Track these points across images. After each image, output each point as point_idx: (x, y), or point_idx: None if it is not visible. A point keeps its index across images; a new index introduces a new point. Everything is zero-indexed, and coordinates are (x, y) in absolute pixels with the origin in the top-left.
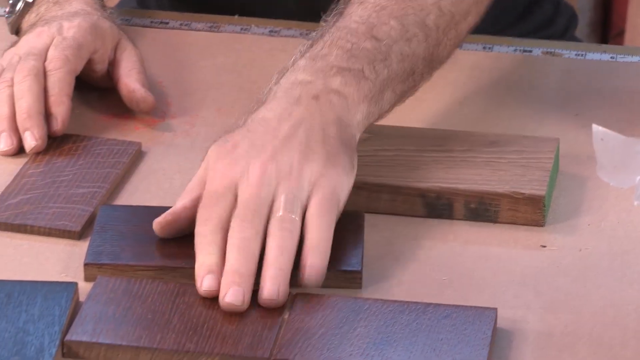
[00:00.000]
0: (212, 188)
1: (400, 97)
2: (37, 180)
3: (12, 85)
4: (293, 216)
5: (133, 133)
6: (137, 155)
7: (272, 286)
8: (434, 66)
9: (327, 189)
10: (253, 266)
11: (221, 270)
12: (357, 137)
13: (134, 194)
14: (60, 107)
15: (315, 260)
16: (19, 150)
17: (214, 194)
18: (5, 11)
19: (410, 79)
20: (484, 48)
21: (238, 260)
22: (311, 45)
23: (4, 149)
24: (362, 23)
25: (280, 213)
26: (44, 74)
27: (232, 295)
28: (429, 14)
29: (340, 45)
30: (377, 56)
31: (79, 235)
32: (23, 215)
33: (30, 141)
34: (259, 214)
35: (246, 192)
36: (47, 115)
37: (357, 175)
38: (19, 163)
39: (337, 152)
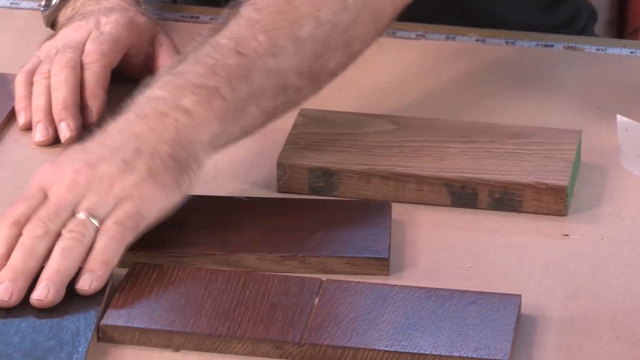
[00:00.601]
0: (29, 188)
1: (273, 114)
2: None
3: (49, 77)
4: (88, 223)
5: None
6: None
7: (43, 287)
8: (317, 79)
9: (130, 207)
10: (32, 265)
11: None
12: (201, 157)
13: None
14: (96, 100)
15: (92, 266)
16: (55, 141)
17: (27, 193)
18: (40, 5)
19: (283, 94)
20: (507, 43)
21: (16, 257)
22: (180, 61)
23: (40, 139)
24: (230, 38)
25: (76, 218)
26: (81, 67)
27: (2, 290)
28: (303, 26)
29: (203, 62)
30: (239, 73)
31: None
32: None
33: (66, 132)
34: (57, 216)
35: (53, 194)
36: (83, 107)
37: (384, 165)
38: (54, 153)
39: (161, 171)
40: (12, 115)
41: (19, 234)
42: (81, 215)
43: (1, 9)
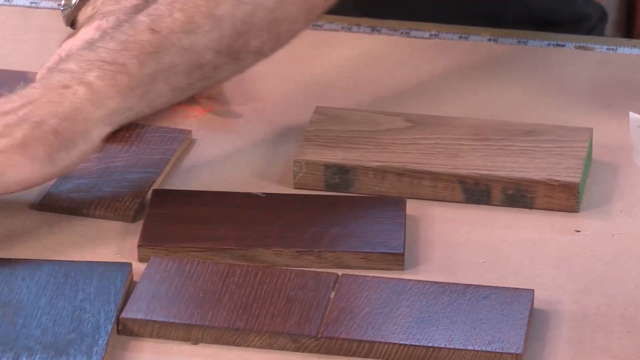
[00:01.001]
0: None
1: (186, 90)
2: (92, 166)
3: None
4: None
5: (185, 121)
6: (188, 143)
7: None
8: (238, 57)
9: None
10: None
11: None
12: (94, 133)
13: (185, 180)
14: None
15: None
16: None
17: None
18: (60, 4)
19: (198, 71)
20: (519, 42)
21: None
22: (99, 36)
23: None
24: (147, 15)
25: None
26: None
27: None
28: (221, 4)
29: (117, 38)
30: (149, 49)
31: (132, 218)
32: (78, 199)
33: None
34: None
35: None
36: None
37: (399, 162)
38: None
39: (35, 142)
40: None
41: None
42: None
43: (22, 8)
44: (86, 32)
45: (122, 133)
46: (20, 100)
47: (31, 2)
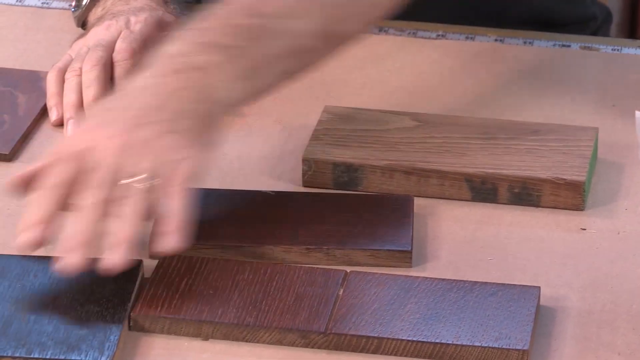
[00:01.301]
0: (61, 153)
1: (291, 74)
2: None
3: (80, 75)
4: (148, 187)
5: None
6: None
7: (110, 255)
8: (335, 43)
9: (187, 168)
10: (93, 233)
11: None
12: (219, 114)
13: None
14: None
15: (172, 228)
16: None
17: (63, 156)
18: (71, 5)
19: (302, 56)
20: (525, 43)
21: (78, 226)
22: (202, 19)
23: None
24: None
25: (133, 184)
26: (111, 65)
27: (68, 264)
28: None
29: (225, 22)
30: (259, 33)
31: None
32: None
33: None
34: (112, 182)
35: (103, 160)
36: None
37: (407, 160)
38: None
39: (197, 129)
40: (44, 112)
41: (64, 197)
42: (138, 179)
43: (33, 9)
44: (96, 33)
45: None
46: (147, 94)
47: (43, 3)
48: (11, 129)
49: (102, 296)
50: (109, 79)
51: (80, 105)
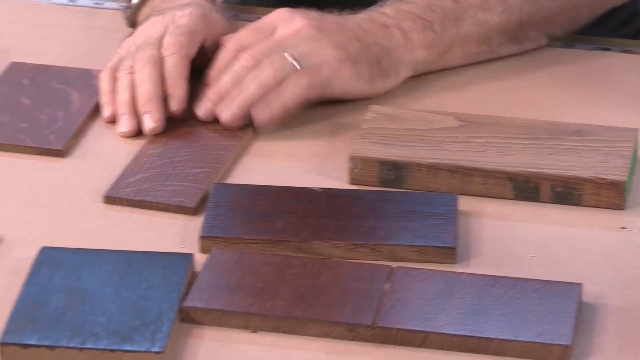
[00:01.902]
0: (264, 21)
1: (473, 58)
2: (155, 160)
3: (132, 73)
4: (289, 64)
5: None
6: (249, 140)
7: (227, 107)
8: (519, 42)
9: (326, 72)
10: (235, 89)
11: None
12: (401, 73)
13: (245, 174)
14: (178, 89)
15: (271, 100)
16: (138, 133)
17: (260, 24)
18: (122, 6)
19: (485, 45)
20: (567, 46)
21: (225, 81)
22: None
23: (125, 131)
24: None
25: (283, 55)
26: (161, 61)
27: (203, 111)
28: None
29: (430, 1)
30: (451, 15)
31: (194, 211)
32: (142, 192)
33: (149, 123)
34: (270, 52)
35: (279, 33)
36: (166, 97)
37: (451, 159)
38: (138, 144)
39: (363, 61)
40: (96, 109)
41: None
42: (287, 55)
43: (86, 9)
44: (144, 30)
45: (185, 129)
46: (352, 23)
47: (95, 3)
48: (65, 126)
49: (154, 289)
50: (160, 76)
51: (132, 101)
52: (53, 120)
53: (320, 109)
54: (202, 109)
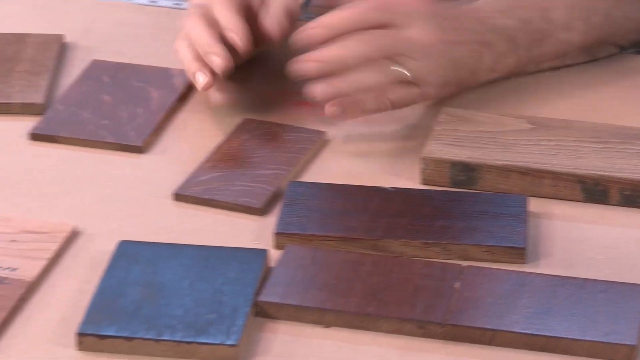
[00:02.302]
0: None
1: (544, 69)
2: (229, 160)
3: (187, 36)
4: (398, 72)
5: (319, 119)
6: (323, 143)
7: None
8: (589, 55)
9: (427, 92)
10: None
11: None
12: (472, 78)
13: (319, 173)
14: (234, 29)
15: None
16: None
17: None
18: None
19: (560, 60)
20: (638, 52)
21: (331, 49)
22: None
23: (203, 84)
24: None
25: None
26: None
27: (311, 66)
28: (596, 15)
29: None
30: (538, 36)
31: (261, 212)
32: (211, 191)
33: (219, 63)
34: (386, 49)
35: (405, 30)
36: (228, 41)
37: (522, 161)
38: (214, 141)
39: (457, 86)
40: (175, 106)
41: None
42: (400, 68)
43: (166, 9)
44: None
45: (261, 131)
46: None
47: (174, 4)
48: (144, 123)
49: (230, 283)
50: (211, 22)
51: (199, 57)
52: (133, 117)
53: (395, 111)
54: (299, 63)
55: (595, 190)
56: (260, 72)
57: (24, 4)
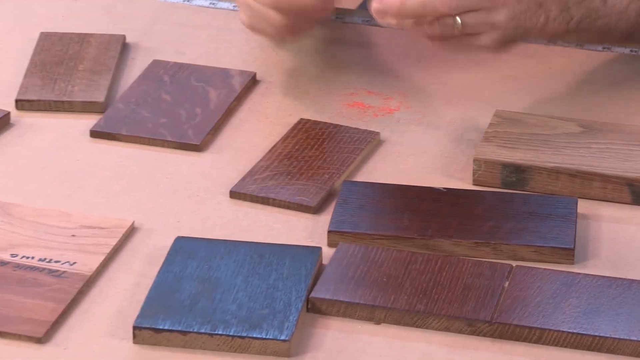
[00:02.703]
0: None
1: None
2: (284, 159)
3: None
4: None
5: (373, 120)
6: (376, 143)
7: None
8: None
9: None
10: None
11: None
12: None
13: (372, 173)
14: None
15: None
16: None
17: None
18: None
19: (599, 41)
20: None
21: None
22: None
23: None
24: None
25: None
26: None
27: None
28: None
29: None
30: (593, 16)
31: (314, 210)
32: (267, 189)
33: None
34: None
35: None
36: None
37: (572, 164)
38: (272, 141)
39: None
40: (233, 106)
41: None
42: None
43: (225, 11)
44: None
45: (316, 131)
46: None
47: (234, 6)
48: (203, 122)
49: (283, 279)
50: None
51: None
52: (191, 116)
53: (448, 112)
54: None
55: None
56: (315, 74)
57: (88, 3)
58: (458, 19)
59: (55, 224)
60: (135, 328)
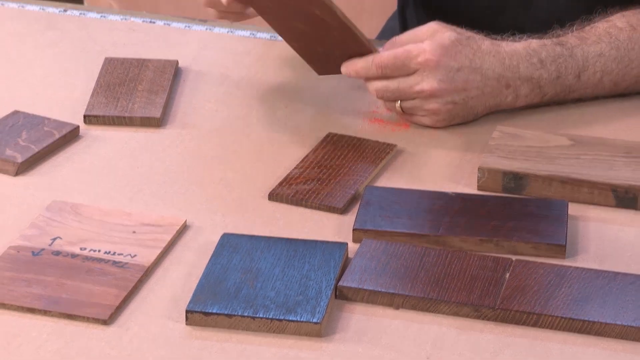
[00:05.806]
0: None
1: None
2: (314, 167)
3: None
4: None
5: (391, 134)
6: (394, 154)
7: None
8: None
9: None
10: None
11: None
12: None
13: (390, 179)
14: None
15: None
16: None
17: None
18: None
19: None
20: None
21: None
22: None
23: None
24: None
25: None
26: None
27: None
28: (624, 80)
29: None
30: (567, 90)
31: (342, 211)
32: (301, 193)
33: None
34: (404, 84)
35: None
36: None
37: (563, 172)
38: (303, 151)
39: (459, 118)
40: None
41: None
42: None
43: (264, 41)
44: None
45: (342, 144)
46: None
47: (271, 36)
48: None
49: (315, 270)
50: None
51: None
52: None
53: (455, 127)
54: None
55: (625, 198)
56: (342, 95)
57: (146, 33)
58: (397, 104)
59: (119, 222)
60: (187, 312)
